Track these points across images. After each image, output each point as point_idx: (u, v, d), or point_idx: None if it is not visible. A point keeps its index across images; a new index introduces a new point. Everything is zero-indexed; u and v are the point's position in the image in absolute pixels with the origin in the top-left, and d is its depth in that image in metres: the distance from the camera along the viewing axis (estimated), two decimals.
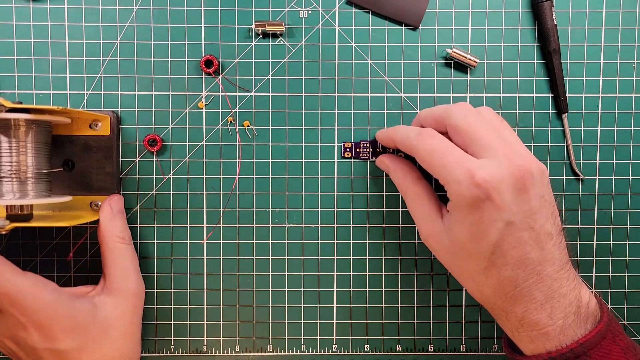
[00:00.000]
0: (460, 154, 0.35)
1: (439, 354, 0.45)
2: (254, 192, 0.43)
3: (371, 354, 0.44)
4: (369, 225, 0.44)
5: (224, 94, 0.42)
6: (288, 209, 0.44)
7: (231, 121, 0.43)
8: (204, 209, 0.43)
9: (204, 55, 0.42)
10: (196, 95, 0.43)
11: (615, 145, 0.43)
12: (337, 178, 0.43)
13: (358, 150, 0.43)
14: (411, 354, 0.44)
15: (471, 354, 0.45)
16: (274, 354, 0.44)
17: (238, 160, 0.43)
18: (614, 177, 0.43)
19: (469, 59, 0.42)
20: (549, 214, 0.35)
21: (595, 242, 0.44)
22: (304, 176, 0.43)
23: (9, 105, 0.35)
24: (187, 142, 0.43)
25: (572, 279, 0.35)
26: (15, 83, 0.42)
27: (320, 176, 0.43)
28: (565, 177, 0.43)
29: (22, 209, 0.37)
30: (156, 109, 0.43)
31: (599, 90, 0.43)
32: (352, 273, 0.44)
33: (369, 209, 0.44)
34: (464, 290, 0.43)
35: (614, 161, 0.43)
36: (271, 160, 0.43)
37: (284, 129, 0.43)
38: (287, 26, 0.42)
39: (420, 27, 0.43)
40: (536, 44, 0.43)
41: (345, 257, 0.44)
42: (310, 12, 0.42)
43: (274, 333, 0.44)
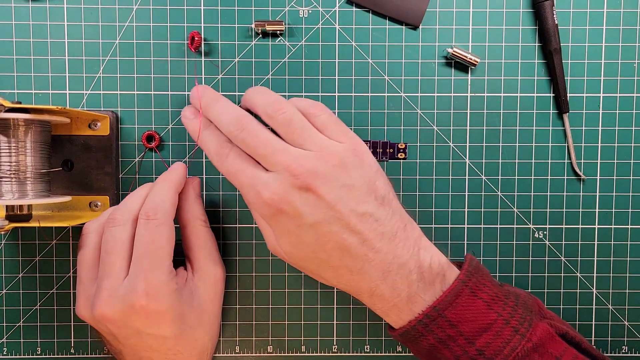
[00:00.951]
0: (252, 172, 0.36)
1: None
2: None
3: (371, 354, 0.44)
4: None
5: (223, 94, 0.42)
6: None
7: None
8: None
9: (204, 55, 0.42)
10: None
11: (616, 145, 0.43)
12: None
13: None
14: (411, 354, 0.44)
15: None
16: (274, 354, 0.44)
17: None
18: (615, 177, 0.43)
19: (470, 58, 0.42)
20: (360, 195, 0.35)
21: (597, 243, 0.44)
22: None
23: (8, 105, 0.35)
24: (187, 142, 0.43)
25: (408, 247, 0.36)
26: (15, 83, 0.42)
27: None
28: (566, 177, 0.43)
29: (21, 209, 0.37)
30: (155, 108, 0.42)
31: (600, 90, 0.43)
32: None
33: None
34: None
35: (615, 161, 0.43)
36: None
37: None
38: (287, 25, 0.42)
39: (420, 27, 0.42)
40: (537, 44, 0.43)
41: None
42: (310, 11, 0.42)
43: (274, 334, 0.44)
